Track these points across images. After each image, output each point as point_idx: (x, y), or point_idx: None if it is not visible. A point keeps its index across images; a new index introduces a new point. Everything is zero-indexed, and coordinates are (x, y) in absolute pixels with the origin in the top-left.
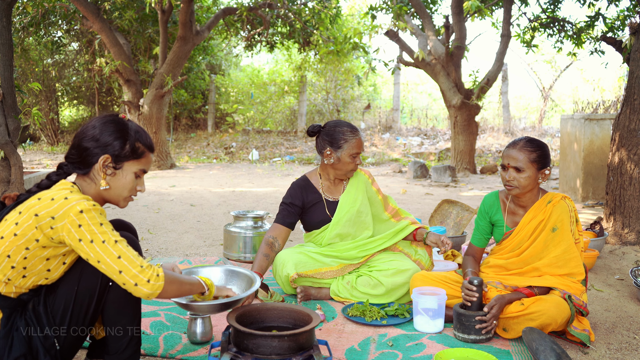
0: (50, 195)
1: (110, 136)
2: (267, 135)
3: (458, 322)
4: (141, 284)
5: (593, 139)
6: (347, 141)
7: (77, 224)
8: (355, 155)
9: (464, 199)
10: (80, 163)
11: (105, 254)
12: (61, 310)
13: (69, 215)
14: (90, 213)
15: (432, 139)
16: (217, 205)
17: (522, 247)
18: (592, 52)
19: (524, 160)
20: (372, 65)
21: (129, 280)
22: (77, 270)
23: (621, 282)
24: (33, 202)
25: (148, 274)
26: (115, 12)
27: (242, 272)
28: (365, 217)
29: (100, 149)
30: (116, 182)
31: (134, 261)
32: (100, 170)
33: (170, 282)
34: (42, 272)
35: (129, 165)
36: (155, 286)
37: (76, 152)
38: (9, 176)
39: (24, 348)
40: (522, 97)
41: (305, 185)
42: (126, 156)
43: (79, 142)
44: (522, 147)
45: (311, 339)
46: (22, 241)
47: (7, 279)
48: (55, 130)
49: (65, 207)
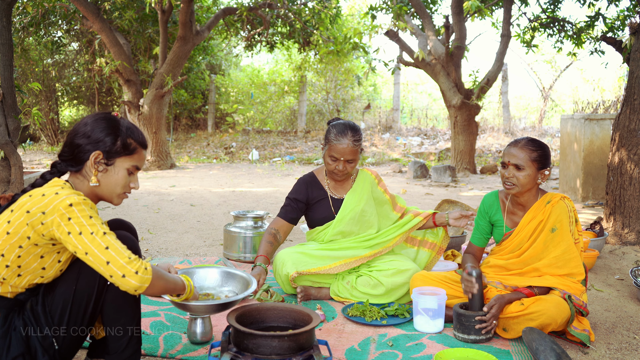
0: (41, 192)
1: (101, 132)
2: (267, 135)
3: (458, 322)
4: (129, 276)
5: (593, 139)
6: (329, 142)
7: (67, 217)
8: (335, 159)
9: (464, 199)
10: (73, 160)
11: (93, 245)
12: (59, 310)
13: (59, 209)
14: (79, 206)
15: (432, 139)
16: (217, 205)
17: (522, 247)
18: (592, 52)
19: (524, 158)
20: (372, 65)
21: (116, 272)
22: (75, 270)
23: (621, 282)
24: (25, 200)
25: (136, 266)
26: (115, 12)
27: (239, 274)
28: (370, 216)
29: (91, 146)
30: (108, 179)
31: (122, 252)
32: (91, 166)
33: (158, 278)
34: (37, 270)
35: (120, 162)
36: (143, 279)
37: (68, 150)
38: (9, 176)
39: (22, 348)
40: (522, 97)
41: (311, 181)
42: (117, 152)
43: (71, 139)
44: (523, 145)
45: (311, 339)
46: (15, 239)
47: (2, 278)
48: (55, 130)
49: (55, 202)
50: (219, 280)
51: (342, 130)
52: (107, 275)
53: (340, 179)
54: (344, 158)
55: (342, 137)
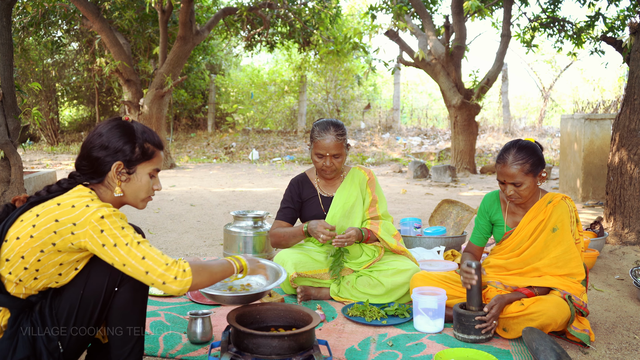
0: (71, 202)
1: (118, 142)
2: (267, 135)
3: (458, 322)
4: (169, 282)
5: (593, 139)
6: (313, 139)
7: (99, 229)
8: (321, 156)
9: (464, 198)
10: (94, 173)
11: (130, 256)
12: (66, 314)
13: (91, 221)
14: (111, 218)
15: (432, 139)
16: (217, 205)
17: (522, 247)
18: (592, 52)
19: (518, 175)
20: (372, 65)
21: (156, 280)
22: (84, 275)
23: (621, 282)
24: (52, 207)
25: (174, 271)
26: (115, 12)
27: (268, 264)
28: (358, 212)
29: (111, 157)
30: (132, 187)
31: (158, 260)
32: (114, 177)
33: (199, 274)
34: (54, 275)
35: (142, 168)
36: (183, 282)
37: (87, 163)
38: (9, 176)
39: (27, 350)
40: (522, 97)
41: (302, 180)
42: (138, 159)
43: (88, 152)
44: (512, 162)
45: (311, 339)
46: (38, 243)
47: (19, 279)
48: (55, 130)
49: (86, 214)
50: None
51: (325, 126)
52: (149, 284)
53: (330, 176)
54: (329, 153)
55: (325, 133)
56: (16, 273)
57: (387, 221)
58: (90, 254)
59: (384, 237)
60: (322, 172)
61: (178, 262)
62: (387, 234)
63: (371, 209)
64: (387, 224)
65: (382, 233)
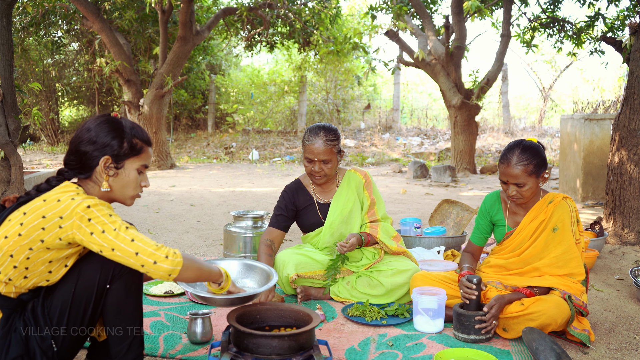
0: (57, 197)
1: (106, 136)
2: (267, 135)
3: (458, 322)
4: (160, 261)
5: (593, 139)
6: (304, 143)
7: (87, 218)
8: (310, 160)
9: (464, 199)
10: (82, 168)
11: (119, 239)
12: (58, 312)
13: (77, 212)
14: (97, 207)
15: (432, 139)
16: (217, 205)
17: (523, 247)
18: (592, 52)
19: (522, 175)
20: (372, 65)
21: (147, 260)
22: (75, 273)
23: (621, 282)
24: (39, 204)
25: (165, 251)
26: (115, 12)
27: (260, 266)
28: (356, 217)
29: (99, 151)
30: (119, 182)
31: (148, 242)
32: (102, 172)
33: (190, 261)
34: (44, 273)
35: (130, 163)
36: (174, 262)
37: (75, 158)
38: (9, 176)
39: (21, 349)
40: (522, 97)
41: (296, 187)
42: (125, 154)
43: (76, 147)
44: (516, 163)
45: (311, 339)
46: (26, 241)
47: (8, 278)
48: (55, 130)
49: (72, 206)
50: (240, 272)
51: (315, 131)
52: (138, 266)
53: (319, 181)
54: (317, 158)
55: (315, 137)
56: (5, 272)
57: (386, 223)
58: (79, 249)
59: (383, 240)
60: (311, 176)
61: (167, 247)
62: (386, 237)
63: (370, 212)
64: (386, 226)
65: (382, 236)
